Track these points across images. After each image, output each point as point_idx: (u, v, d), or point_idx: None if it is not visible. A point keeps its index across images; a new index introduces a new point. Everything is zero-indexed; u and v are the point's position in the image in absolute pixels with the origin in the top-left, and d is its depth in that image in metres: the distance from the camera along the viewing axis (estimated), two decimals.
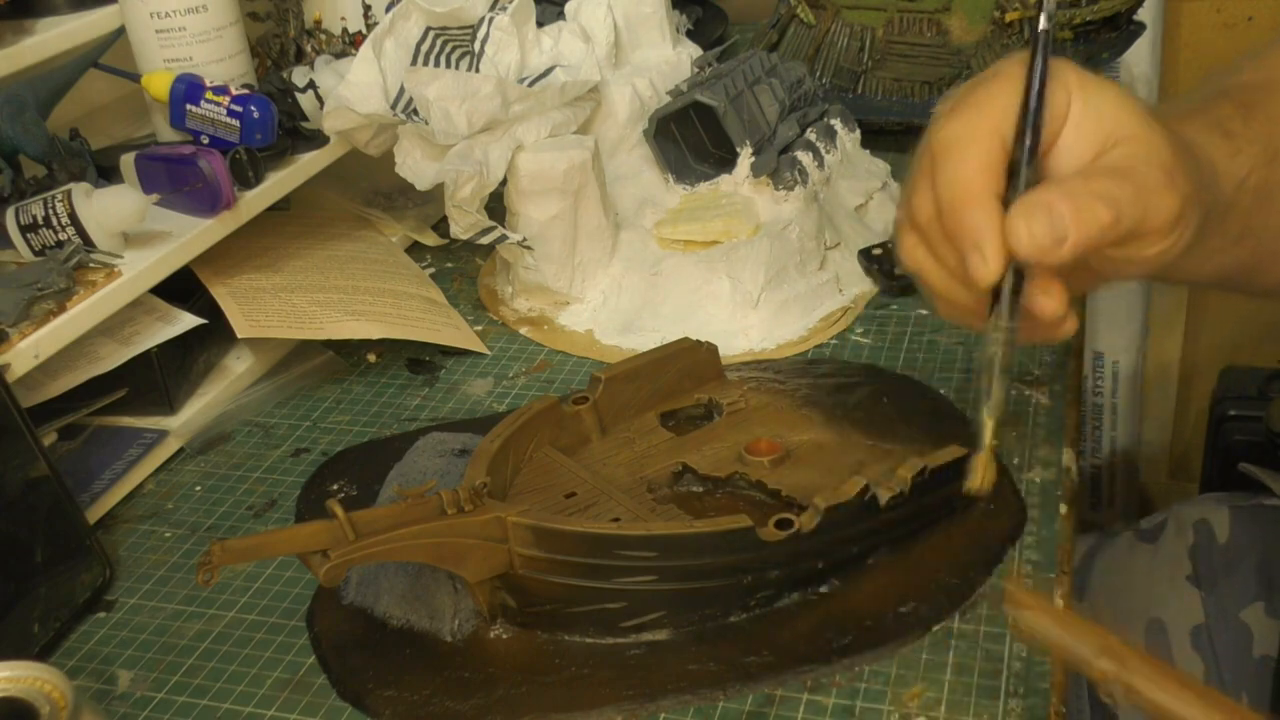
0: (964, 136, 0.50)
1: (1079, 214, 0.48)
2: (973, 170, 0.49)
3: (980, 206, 0.49)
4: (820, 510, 0.59)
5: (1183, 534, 1.01)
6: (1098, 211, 0.48)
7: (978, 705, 0.55)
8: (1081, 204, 0.48)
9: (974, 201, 0.49)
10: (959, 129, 0.50)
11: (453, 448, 0.72)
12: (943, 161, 0.50)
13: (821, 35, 1.15)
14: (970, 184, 0.49)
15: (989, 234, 0.49)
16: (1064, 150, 0.51)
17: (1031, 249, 0.48)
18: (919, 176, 0.52)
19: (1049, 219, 0.47)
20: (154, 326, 0.80)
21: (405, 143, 0.87)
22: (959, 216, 0.50)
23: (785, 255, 0.85)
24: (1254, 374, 1.48)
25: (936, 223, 0.51)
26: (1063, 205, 0.48)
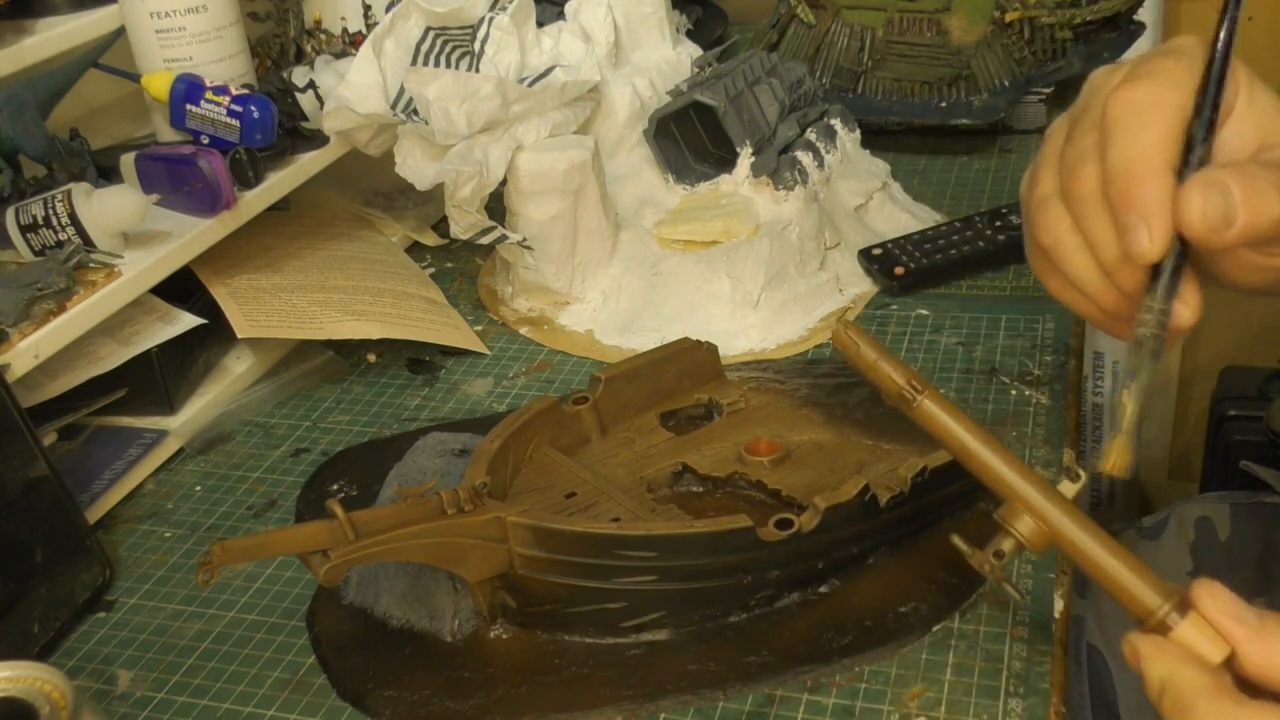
0: (1146, 105, 0.48)
1: (1251, 198, 0.46)
2: (1154, 140, 0.47)
3: (1158, 178, 0.47)
4: (820, 510, 0.59)
5: (1184, 531, 1.01)
6: (1268, 198, 0.46)
7: (978, 705, 0.55)
8: (1257, 190, 0.46)
9: (1152, 173, 0.47)
10: (1140, 97, 0.48)
11: (453, 448, 0.72)
12: (1120, 130, 0.48)
13: (821, 35, 1.15)
14: (1150, 154, 0.47)
15: (1160, 207, 0.47)
16: (1224, 142, 0.49)
17: (1203, 226, 0.46)
18: (1082, 145, 0.50)
19: (1224, 198, 0.46)
20: (154, 326, 0.80)
21: (405, 143, 0.87)
22: (1133, 186, 0.47)
23: (785, 255, 0.85)
24: (1254, 374, 1.48)
25: (1097, 194, 0.49)
26: (1236, 187, 0.46)
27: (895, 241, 0.91)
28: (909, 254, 0.89)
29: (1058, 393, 0.75)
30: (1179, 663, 0.43)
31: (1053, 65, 1.10)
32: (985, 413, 0.74)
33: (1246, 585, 0.95)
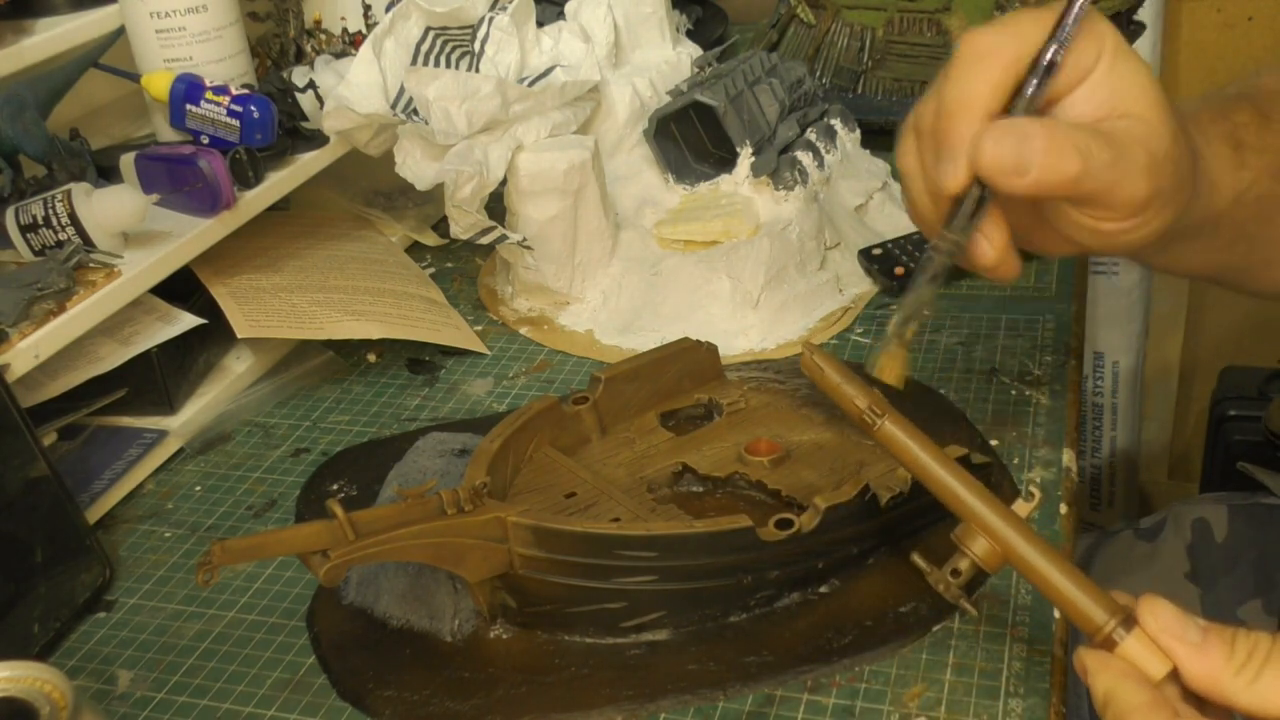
0: (984, 51, 0.51)
1: (1049, 153, 0.48)
2: (979, 84, 0.50)
3: (969, 118, 0.50)
4: (820, 510, 0.59)
5: (1181, 533, 1.01)
6: (1068, 158, 0.49)
7: (978, 705, 0.55)
8: (1057, 146, 0.49)
9: (966, 113, 0.50)
10: (983, 44, 0.51)
11: (453, 448, 0.72)
12: (957, 70, 0.51)
13: (821, 35, 1.15)
14: (971, 96, 0.50)
15: (964, 146, 0.50)
16: (1073, 103, 0.51)
17: (990, 168, 0.49)
18: (935, 83, 0.53)
19: (1019, 146, 0.49)
20: (154, 326, 0.80)
21: (405, 143, 0.87)
22: (948, 123, 0.51)
23: (785, 255, 0.85)
24: (1254, 374, 1.49)
25: (929, 125, 0.53)
26: (1039, 139, 0.48)
27: (895, 241, 0.91)
28: (909, 254, 0.89)
29: (1058, 393, 0.75)
30: (1120, 678, 0.45)
31: None
32: (985, 413, 0.74)
33: (1243, 587, 0.95)
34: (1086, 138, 0.49)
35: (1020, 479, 0.68)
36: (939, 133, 0.52)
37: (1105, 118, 0.51)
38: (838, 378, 0.56)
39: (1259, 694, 0.43)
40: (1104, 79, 0.51)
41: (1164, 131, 0.51)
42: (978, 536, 0.51)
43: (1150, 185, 0.51)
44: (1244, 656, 0.43)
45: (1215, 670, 0.44)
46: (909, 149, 0.55)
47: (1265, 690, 0.43)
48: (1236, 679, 0.43)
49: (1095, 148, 0.49)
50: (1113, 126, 0.51)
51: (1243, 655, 0.44)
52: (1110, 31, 0.51)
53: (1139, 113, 0.51)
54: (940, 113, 0.51)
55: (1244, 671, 0.43)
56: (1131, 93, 0.51)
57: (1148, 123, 0.51)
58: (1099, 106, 0.51)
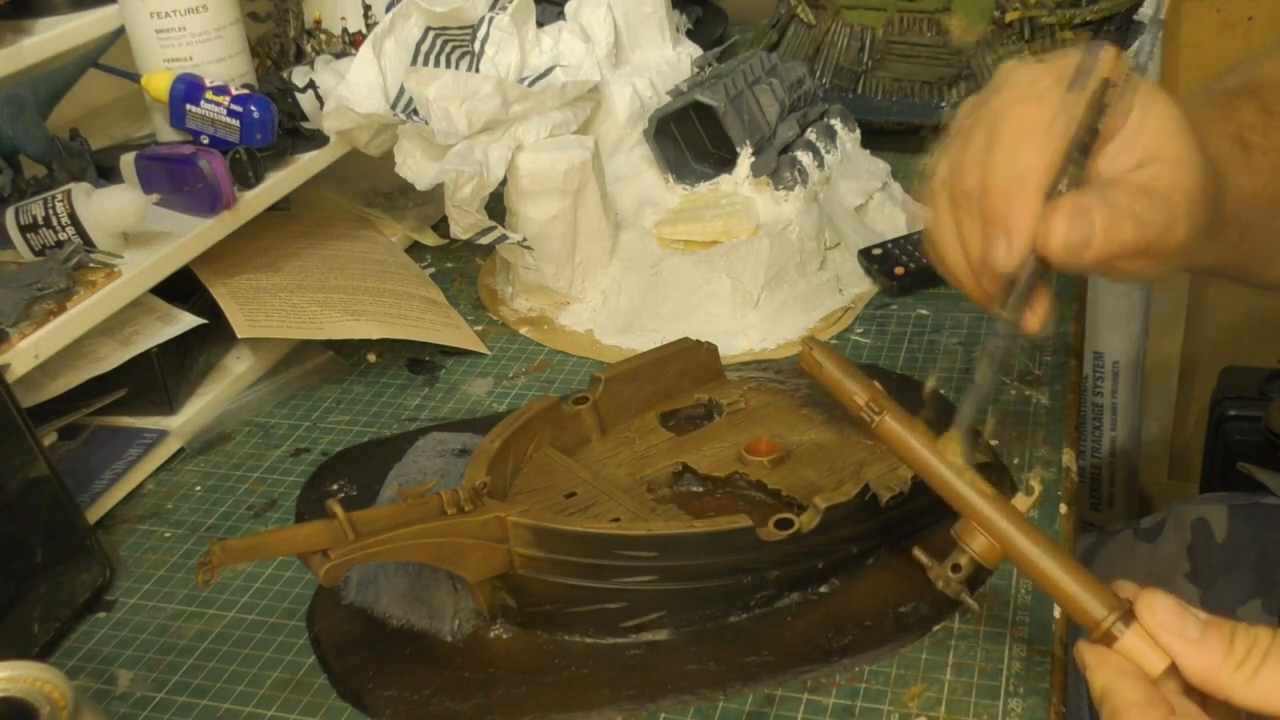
0: (1033, 125, 0.51)
1: (1109, 227, 0.49)
2: (1032, 162, 0.50)
3: (1028, 199, 0.50)
4: (820, 510, 0.59)
5: (1181, 533, 1.01)
6: (1125, 229, 0.49)
7: (978, 705, 0.55)
8: (1115, 218, 0.49)
9: (1024, 194, 0.50)
10: (1029, 114, 0.51)
11: (453, 448, 0.72)
12: (1005, 146, 0.51)
13: (821, 35, 1.15)
14: (1026, 175, 0.50)
15: (1022, 226, 0.50)
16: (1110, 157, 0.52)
17: (1062, 251, 0.49)
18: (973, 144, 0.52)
19: (1085, 226, 0.49)
20: (154, 326, 0.80)
21: (405, 143, 0.87)
22: (1004, 203, 0.51)
23: (785, 255, 0.85)
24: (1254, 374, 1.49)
25: (975, 199, 0.52)
26: (1099, 215, 0.49)
27: (895, 241, 0.91)
28: (909, 254, 0.89)
29: (1058, 393, 0.75)
30: (1117, 674, 0.45)
31: None
32: (985, 413, 0.74)
33: (1243, 587, 0.95)
34: (1140, 201, 0.50)
35: (1020, 479, 0.68)
36: (991, 210, 0.51)
37: (1140, 164, 0.51)
38: (838, 373, 0.57)
39: (1258, 690, 0.43)
40: (1140, 129, 0.51)
41: (1197, 169, 0.51)
42: (977, 532, 0.51)
43: (1191, 228, 0.51)
44: (1243, 652, 0.44)
45: (1214, 666, 0.44)
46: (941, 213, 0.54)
47: (1264, 686, 0.43)
48: (1235, 675, 0.43)
49: (1148, 210, 0.50)
50: (1149, 175, 0.51)
51: (1241, 651, 0.44)
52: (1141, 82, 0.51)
53: (1171, 155, 0.51)
54: (990, 189, 0.51)
55: (1243, 667, 0.43)
56: (1164, 137, 0.51)
57: (1181, 164, 0.51)
58: (1134, 156, 0.51)
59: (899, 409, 0.55)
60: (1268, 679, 0.43)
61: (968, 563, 0.52)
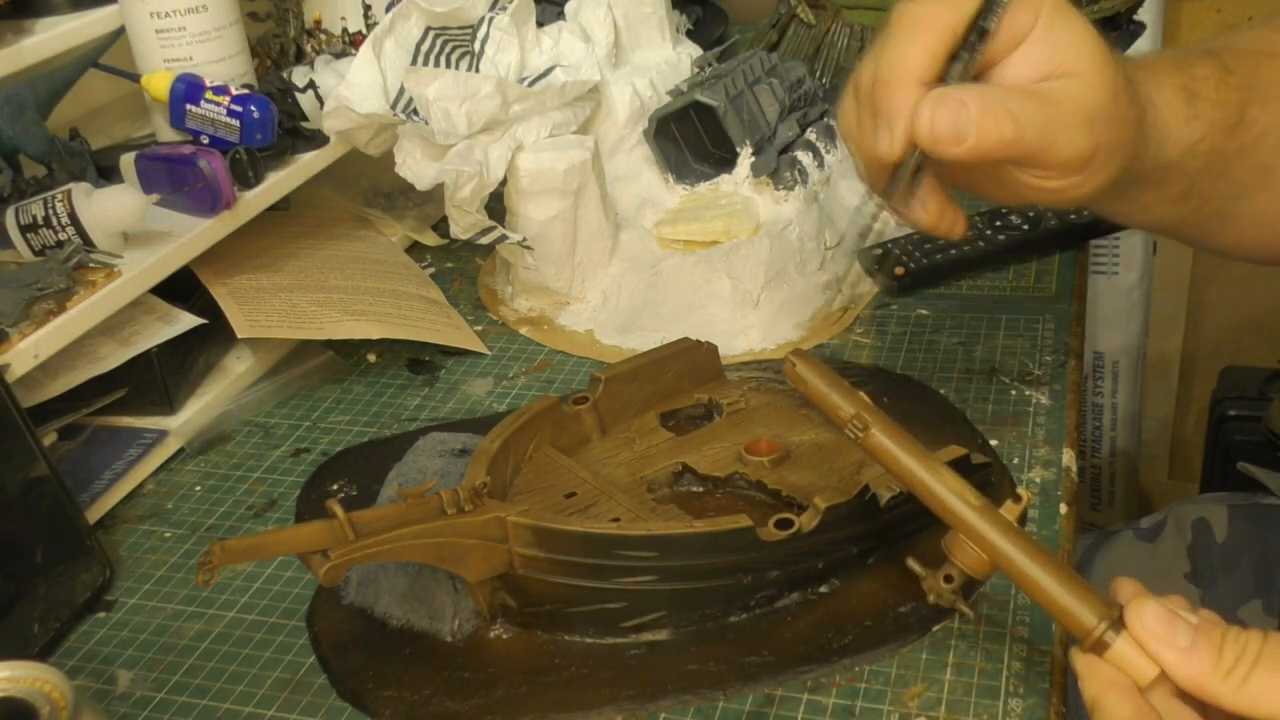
0: (920, 20, 0.52)
1: (984, 120, 0.49)
2: (913, 53, 0.51)
3: (904, 88, 0.51)
4: (820, 510, 0.59)
5: (1181, 533, 1.01)
6: (1002, 123, 0.49)
7: (978, 705, 0.55)
8: (991, 111, 0.49)
9: (900, 83, 0.51)
10: (918, 12, 0.52)
11: (453, 448, 0.72)
12: (892, 38, 0.52)
13: (821, 35, 1.15)
14: (905, 65, 0.51)
15: (901, 115, 0.51)
16: (1011, 66, 0.52)
17: (929, 138, 0.50)
18: (874, 46, 0.54)
19: (955, 115, 0.49)
20: (154, 326, 0.80)
21: (405, 143, 0.87)
22: (884, 92, 0.52)
23: (785, 255, 0.85)
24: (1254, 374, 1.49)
25: (869, 93, 0.53)
26: (974, 107, 0.49)
27: (895, 241, 0.91)
28: (909, 254, 0.89)
29: (1058, 393, 0.75)
30: (1106, 687, 0.45)
31: None
32: (985, 413, 0.74)
33: (1243, 587, 0.95)
34: (1019, 101, 0.50)
35: (1020, 479, 0.68)
36: (875, 101, 0.52)
37: (1044, 77, 0.52)
38: (823, 387, 0.57)
39: (1248, 697, 0.43)
40: (1040, 40, 0.52)
41: (1102, 87, 0.51)
42: (966, 545, 0.51)
43: (1088, 142, 0.51)
44: (1232, 659, 0.44)
45: (1203, 675, 0.44)
46: (849, 110, 0.56)
47: (1254, 693, 0.43)
48: (1225, 683, 0.43)
49: (1029, 110, 0.50)
50: (1049, 87, 0.51)
51: (1230, 658, 0.44)
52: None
53: (1077, 69, 0.51)
54: (876, 80, 0.52)
55: (1232, 675, 0.43)
56: (1069, 51, 0.51)
57: (1085, 80, 0.51)
58: (1035, 68, 0.52)
59: (886, 421, 0.55)
60: (1257, 685, 0.43)
61: (959, 574, 0.52)
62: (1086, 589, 0.48)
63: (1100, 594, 0.48)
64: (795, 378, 0.58)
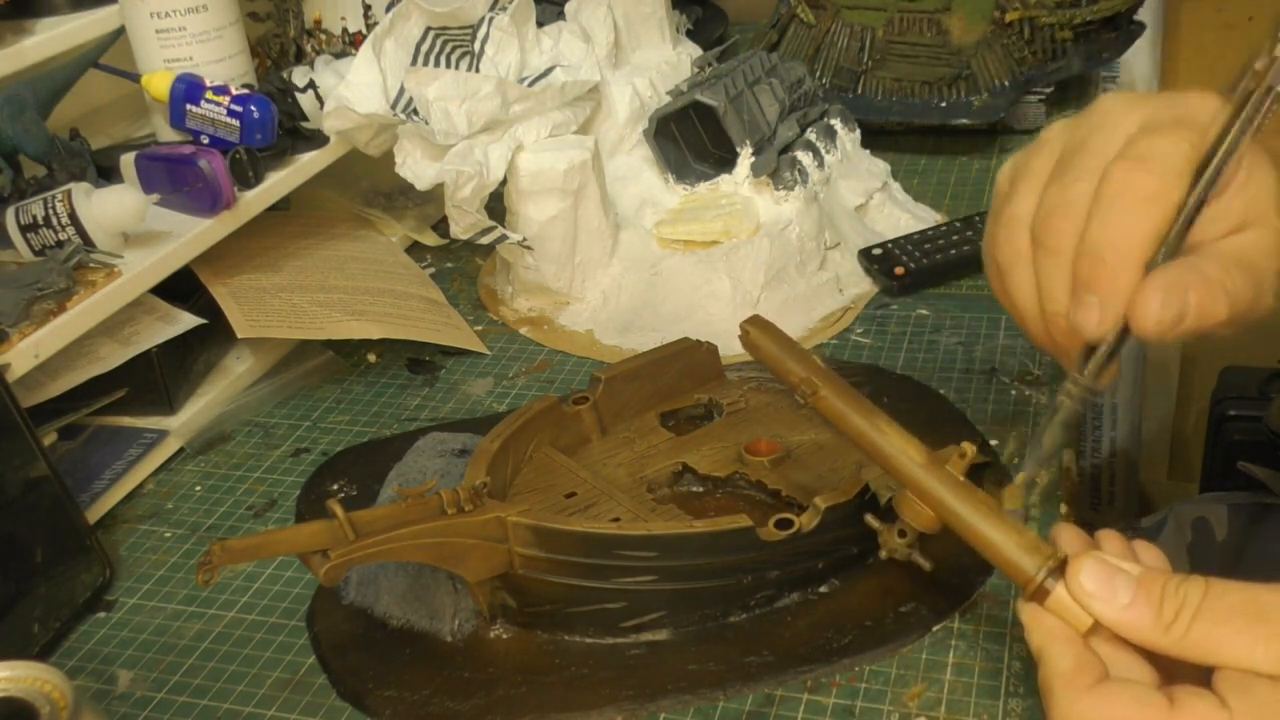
0: (1147, 197, 0.48)
1: (1203, 304, 0.47)
2: (1140, 235, 0.48)
3: (1129, 273, 0.48)
4: (820, 510, 0.59)
5: (1181, 532, 1.01)
6: (1218, 305, 0.48)
7: (978, 705, 0.55)
8: (1210, 294, 0.47)
9: (1127, 267, 0.48)
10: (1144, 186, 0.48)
11: (453, 448, 0.72)
12: (1113, 210, 0.48)
13: (821, 35, 1.15)
14: (1132, 248, 0.48)
15: (1121, 299, 0.48)
16: (1206, 216, 0.49)
17: (1155, 328, 0.47)
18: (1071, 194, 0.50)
19: (1180, 303, 0.47)
20: (154, 326, 0.80)
21: (405, 143, 0.87)
22: (1105, 272, 0.48)
23: (785, 255, 0.85)
24: (1254, 374, 1.48)
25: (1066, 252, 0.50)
26: (1194, 293, 0.47)
27: (895, 241, 0.91)
28: (909, 254, 0.89)
29: (1057, 393, 0.75)
30: (1049, 638, 0.45)
31: (1053, 65, 1.10)
32: (985, 413, 0.74)
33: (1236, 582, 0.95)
34: (1234, 279, 0.48)
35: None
36: (1088, 274, 0.49)
37: (1237, 230, 0.50)
38: (776, 351, 0.59)
39: (1190, 647, 0.44)
40: (1238, 193, 0.49)
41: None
42: (912, 502, 0.53)
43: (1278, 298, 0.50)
44: (1172, 613, 0.44)
45: (1143, 630, 0.44)
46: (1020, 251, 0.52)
47: (1196, 642, 0.43)
48: (1166, 636, 0.44)
49: (1239, 285, 0.48)
50: (1246, 244, 0.49)
51: (1170, 612, 0.44)
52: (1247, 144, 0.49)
53: (1263, 219, 0.50)
54: (1090, 251, 0.49)
55: (1173, 628, 0.44)
56: (1264, 201, 0.50)
57: (1273, 227, 0.50)
58: (1232, 221, 0.50)
59: (837, 383, 0.57)
60: (1199, 636, 0.43)
61: (912, 529, 0.55)
62: (1029, 538, 0.48)
63: (1044, 544, 0.48)
64: (749, 344, 0.61)
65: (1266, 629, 0.43)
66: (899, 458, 0.54)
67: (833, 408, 0.57)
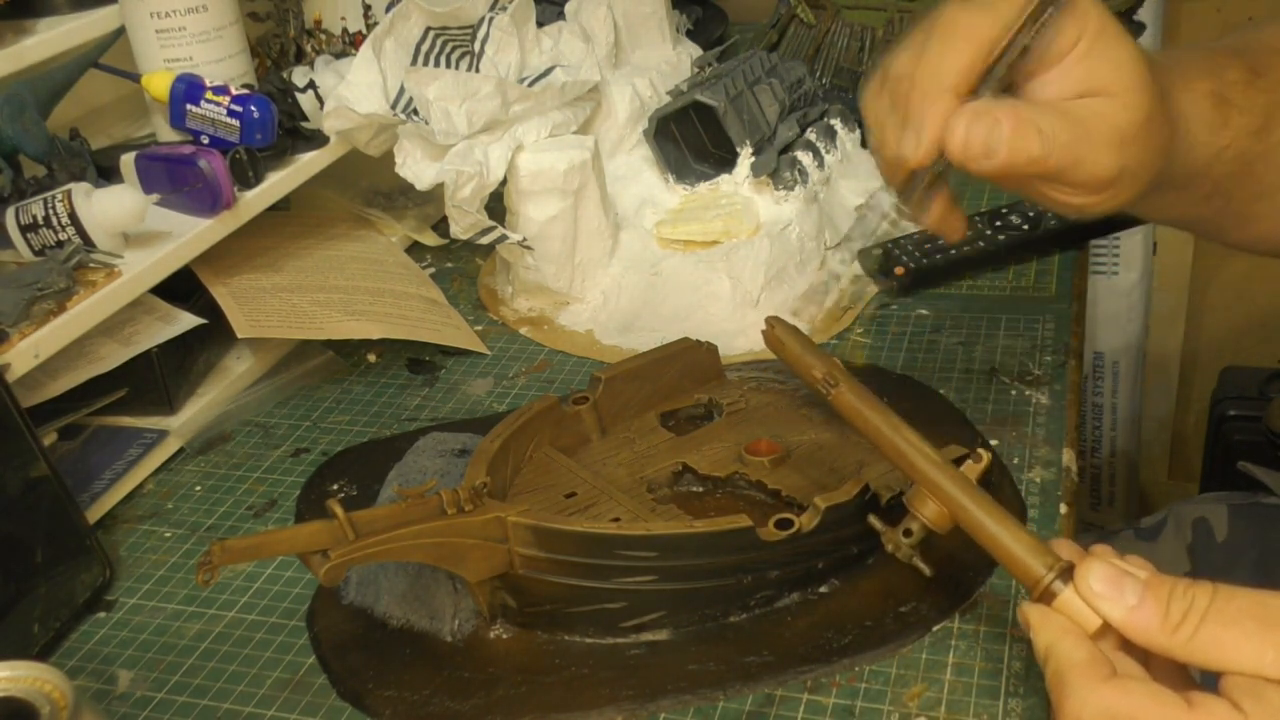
0: (963, 29, 0.52)
1: (1014, 137, 0.50)
2: (951, 63, 0.51)
3: (939, 97, 0.51)
4: (820, 510, 0.59)
5: (1181, 532, 1.01)
6: (1030, 141, 0.50)
7: (978, 705, 0.55)
8: (1023, 128, 0.50)
9: (936, 91, 0.51)
10: (962, 21, 0.52)
11: (453, 448, 0.72)
12: (934, 43, 0.52)
13: (821, 35, 1.15)
14: (942, 74, 0.51)
15: (931, 123, 0.51)
16: (1046, 82, 0.52)
17: (960, 152, 0.51)
18: (913, 40, 0.53)
19: (989, 131, 0.50)
20: (154, 326, 0.80)
21: (405, 143, 0.87)
22: (918, 98, 0.52)
23: (785, 255, 0.85)
24: (1254, 374, 1.49)
25: (901, 90, 0.53)
26: (1006, 124, 0.50)
27: (895, 241, 0.91)
28: (909, 254, 0.89)
29: (1058, 393, 0.75)
30: (1060, 634, 0.46)
31: None
32: (985, 413, 0.74)
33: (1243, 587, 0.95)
34: (1050, 119, 0.50)
35: (1020, 479, 0.68)
36: (907, 104, 0.52)
37: (1077, 96, 0.52)
38: (799, 349, 0.61)
39: (1198, 650, 0.44)
40: (1080, 60, 0.52)
41: (1137, 108, 0.51)
42: (927, 498, 0.54)
43: (1115, 163, 0.51)
44: (1179, 615, 0.44)
45: (1151, 632, 0.45)
46: (876, 99, 0.55)
47: (1203, 646, 0.44)
48: (1174, 637, 0.44)
49: (1057, 128, 0.50)
50: (1082, 105, 0.51)
51: (1178, 614, 0.44)
52: (1095, 12, 0.52)
53: (1114, 89, 0.51)
54: (912, 85, 0.52)
55: (1180, 630, 0.44)
56: (1107, 72, 0.51)
57: (1120, 100, 0.51)
58: (1071, 86, 0.52)
59: (855, 382, 0.59)
60: (1206, 639, 0.44)
61: (919, 528, 0.55)
62: (1038, 542, 0.49)
63: (1051, 548, 0.49)
64: (773, 340, 0.63)
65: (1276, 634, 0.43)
66: (915, 455, 0.55)
67: (850, 404, 0.59)
